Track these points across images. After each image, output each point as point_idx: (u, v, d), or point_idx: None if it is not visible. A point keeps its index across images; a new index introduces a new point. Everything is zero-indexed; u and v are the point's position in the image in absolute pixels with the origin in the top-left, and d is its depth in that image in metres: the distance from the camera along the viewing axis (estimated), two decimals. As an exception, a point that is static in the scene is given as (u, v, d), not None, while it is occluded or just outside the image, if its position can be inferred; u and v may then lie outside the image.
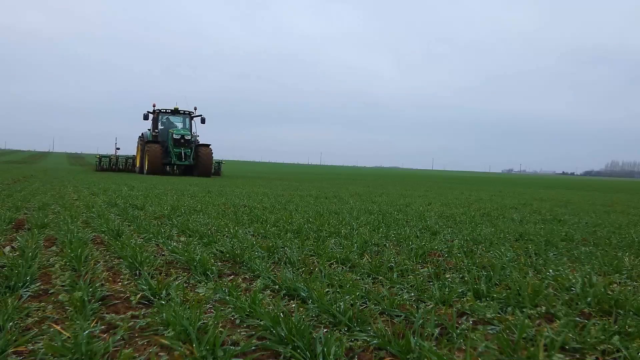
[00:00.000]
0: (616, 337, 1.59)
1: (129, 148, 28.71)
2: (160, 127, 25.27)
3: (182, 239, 3.48)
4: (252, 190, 10.50)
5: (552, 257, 3.13)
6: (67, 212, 4.89)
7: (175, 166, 25.61)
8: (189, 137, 24.02)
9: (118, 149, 28.80)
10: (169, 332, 1.60)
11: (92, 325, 1.66)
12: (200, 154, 23.78)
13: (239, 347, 1.50)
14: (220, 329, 1.62)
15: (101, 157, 28.12)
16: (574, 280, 2.36)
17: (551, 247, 3.56)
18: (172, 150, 23.72)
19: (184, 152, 23.85)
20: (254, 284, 2.29)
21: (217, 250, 3.04)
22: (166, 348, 1.50)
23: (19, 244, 3.02)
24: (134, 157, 27.41)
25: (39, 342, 1.51)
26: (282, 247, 3.18)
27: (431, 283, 2.32)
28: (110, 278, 2.33)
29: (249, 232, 3.89)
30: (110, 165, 27.23)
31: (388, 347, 1.52)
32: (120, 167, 27.44)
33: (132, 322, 1.71)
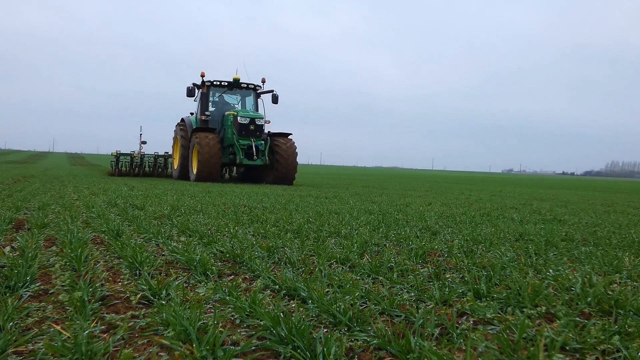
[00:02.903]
0: (616, 337, 1.59)
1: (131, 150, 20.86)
2: (211, 108, 16.54)
3: (182, 239, 3.48)
4: (251, 190, 10.50)
5: (552, 257, 3.13)
6: (67, 212, 4.89)
7: (234, 168, 17.82)
8: (262, 123, 15.37)
9: (144, 142, 20.54)
10: (169, 332, 1.60)
11: (92, 325, 1.66)
12: (278, 149, 15.06)
13: (239, 347, 1.50)
14: (220, 329, 1.62)
15: (119, 155, 19.42)
16: (574, 280, 2.36)
17: (551, 247, 3.56)
18: (236, 142, 14.97)
19: (256, 146, 15.02)
20: (254, 284, 2.29)
21: (217, 250, 3.04)
22: (166, 348, 1.50)
23: (19, 244, 3.02)
24: (166, 156, 19.43)
25: (39, 342, 1.51)
26: (282, 247, 3.18)
27: (431, 283, 2.32)
28: (110, 278, 2.33)
29: (249, 232, 3.89)
30: (132, 167, 18.97)
31: (388, 347, 1.52)
32: (147, 169, 19.27)
33: (132, 322, 1.71)
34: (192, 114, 17.43)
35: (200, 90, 16.72)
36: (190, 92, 16.45)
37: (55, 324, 1.67)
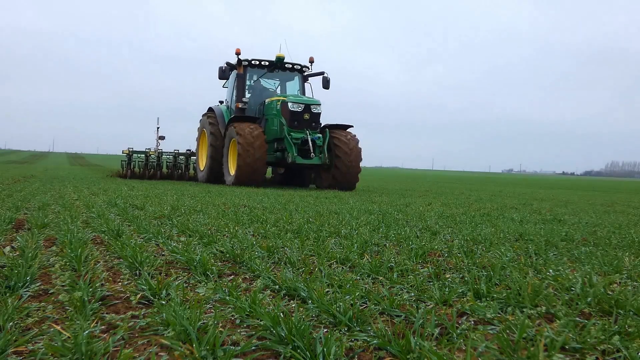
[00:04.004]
0: (616, 337, 1.59)
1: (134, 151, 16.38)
2: (247, 95, 13.44)
3: (182, 239, 3.48)
4: (251, 190, 10.49)
5: (552, 257, 3.13)
6: (67, 212, 4.89)
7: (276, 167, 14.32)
8: (319, 110, 12.20)
9: (162, 138, 16.72)
10: (169, 332, 1.60)
11: (92, 325, 1.66)
12: (338, 145, 11.95)
13: (239, 347, 1.50)
14: (220, 329, 1.62)
15: (131, 153, 16.14)
16: (574, 280, 2.36)
17: (551, 247, 3.56)
18: (287, 136, 11.77)
19: (312, 140, 11.76)
20: (254, 284, 2.29)
21: (217, 250, 3.04)
22: (166, 348, 1.50)
23: (19, 244, 3.02)
24: (188, 154, 16.21)
25: (39, 342, 1.51)
26: (282, 247, 3.18)
27: (431, 283, 2.32)
28: (110, 278, 2.33)
29: (249, 232, 3.89)
30: (147, 167, 15.99)
31: (388, 347, 1.52)
32: (165, 170, 16.29)
33: (132, 322, 1.71)
34: (221, 102, 14.40)
35: (236, 71, 13.28)
36: (222, 74, 13.11)
37: (55, 324, 1.67)
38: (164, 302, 1.91)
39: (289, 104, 11.97)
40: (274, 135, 12.35)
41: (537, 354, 1.41)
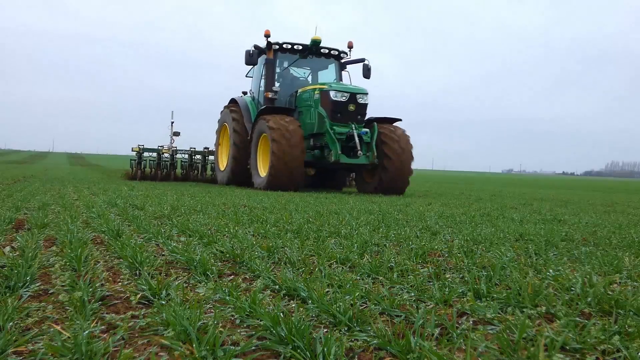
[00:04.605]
0: (616, 337, 1.59)
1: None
2: (275, 83, 11.64)
3: (182, 239, 3.48)
4: (252, 190, 10.49)
5: (552, 257, 3.13)
6: (67, 212, 4.89)
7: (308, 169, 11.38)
8: (366, 101, 10.50)
9: (176, 134, 15.20)
10: (169, 332, 1.60)
11: (92, 325, 1.66)
12: (386, 141, 10.32)
13: (239, 347, 1.50)
14: (220, 329, 1.62)
15: (142, 151, 14.53)
16: (574, 280, 2.36)
17: (551, 247, 3.56)
18: (329, 130, 10.14)
19: (359, 136, 10.12)
20: (254, 284, 2.29)
21: (217, 250, 3.04)
22: (166, 348, 1.50)
23: (19, 244, 3.02)
24: (206, 152, 14.80)
25: (39, 342, 1.51)
26: (282, 247, 3.18)
27: (431, 283, 2.32)
28: (110, 278, 2.32)
29: (249, 232, 3.89)
30: (160, 167, 14.37)
31: (388, 347, 1.52)
32: (180, 171, 14.92)
33: (132, 322, 1.71)
34: (244, 93, 12.82)
35: (265, 56, 11.57)
36: (250, 58, 11.34)
37: (55, 324, 1.67)
38: (164, 302, 1.91)
39: (331, 93, 10.24)
40: (309, 130, 10.61)
41: (537, 354, 1.41)
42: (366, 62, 11.95)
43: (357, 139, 10.05)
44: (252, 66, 12.24)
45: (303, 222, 4.48)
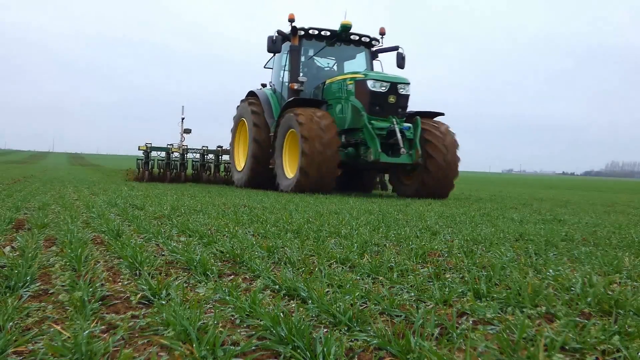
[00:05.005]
0: (616, 337, 1.59)
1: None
2: (300, 73, 10.60)
3: (182, 239, 3.48)
4: (251, 190, 10.49)
5: (552, 257, 3.13)
6: (67, 212, 4.89)
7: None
8: (407, 92, 9.48)
9: (187, 131, 13.90)
10: (169, 332, 1.60)
11: (92, 325, 1.66)
12: (429, 138, 9.33)
13: (239, 347, 1.50)
14: (220, 329, 1.62)
15: (150, 150, 13.44)
16: (574, 280, 2.36)
17: (551, 247, 3.56)
18: (367, 125, 9.07)
19: (401, 131, 9.07)
20: (254, 284, 2.29)
21: (217, 250, 3.04)
22: (166, 348, 1.50)
23: (19, 244, 3.02)
24: (219, 151, 13.79)
25: (39, 342, 1.51)
26: (282, 247, 3.18)
27: (431, 283, 2.32)
28: (110, 278, 2.32)
29: (249, 232, 3.89)
30: (170, 167, 13.42)
31: (388, 347, 1.52)
32: (192, 171, 14.05)
33: (132, 322, 1.71)
34: (263, 85, 11.76)
35: (289, 42, 10.46)
36: (273, 45, 10.23)
37: (55, 324, 1.67)
38: (164, 302, 1.91)
39: (369, 83, 9.11)
40: (340, 126, 9.47)
41: (537, 354, 1.41)
42: (400, 50, 10.87)
43: (399, 134, 8.87)
44: (273, 55, 11.12)
45: (303, 222, 4.48)
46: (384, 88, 9.22)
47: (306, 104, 9.83)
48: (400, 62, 10.92)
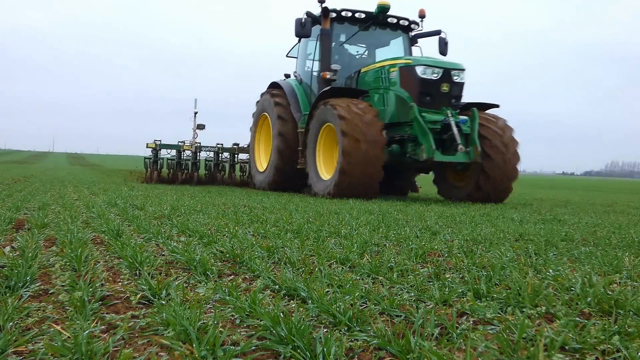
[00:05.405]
0: (616, 337, 1.59)
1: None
2: (332, 61, 9.38)
3: (182, 239, 3.48)
4: (251, 189, 10.49)
5: (552, 257, 3.13)
6: (67, 212, 4.89)
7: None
8: (462, 79, 8.24)
9: (201, 127, 12.60)
10: (169, 332, 1.60)
11: (92, 325, 1.66)
12: (485, 134, 8.11)
13: (239, 347, 1.50)
14: (220, 329, 1.62)
15: (160, 148, 12.24)
16: (574, 280, 2.36)
17: (551, 247, 3.56)
18: (419, 117, 7.78)
19: (457, 125, 7.84)
20: (254, 284, 2.29)
21: (217, 250, 3.04)
22: (166, 348, 1.50)
23: (19, 244, 3.02)
24: (235, 149, 12.53)
25: (39, 342, 1.51)
26: (282, 247, 3.18)
27: (431, 283, 2.32)
28: (110, 278, 2.33)
29: (249, 232, 3.89)
30: (181, 167, 12.24)
31: (388, 347, 1.52)
32: (205, 172, 12.71)
33: (132, 322, 1.71)
34: (287, 76, 10.54)
35: (320, 26, 9.19)
36: (302, 28, 9.01)
37: (55, 324, 1.67)
38: (164, 302, 1.91)
39: (418, 70, 7.94)
40: (381, 120, 8.21)
41: (537, 354, 1.41)
42: (442, 34, 9.65)
43: (455, 129, 7.70)
44: (298, 40, 9.92)
45: (303, 222, 4.49)
46: (435, 75, 8.01)
47: (344, 94, 8.53)
48: (443, 49, 9.72)
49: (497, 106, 8.88)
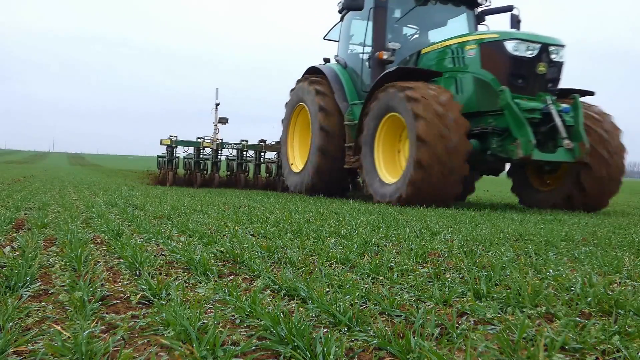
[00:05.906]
0: (616, 337, 1.59)
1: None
2: (387, 39, 7.64)
3: (182, 239, 3.48)
4: (252, 189, 10.49)
5: (552, 257, 3.13)
6: (67, 212, 4.89)
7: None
8: (561, 58, 6.53)
9: (223, 121, 11.07)
10: (169, 332, 1.60)
11: (92, 325, 1.66)
12: (588, 125, 6.47)
13: (239, 347, 1.50)
14: (220, 329, 1.62)
15: (176, 145, 10.88)
16: (574, 280, 2.36)
17: (551, 247, 3.56)
18: (512, 104, 6.08)
19: (560, 115, 6.18)
20: (254, 284, 2.29)
21: (217, 250, 3.04)
22: (166, 348, 1.50)
23: (19, 244, 3.02)
24: (262, 146, 11.22)
25: (39, 342, 1.51)
26: (282, 247, 3.18)
27: (431, 283, 2.32)
28: (110, 278, 2.33)
29: (249, 232, 3.89)
30: (199, 167, 10.88)
31: (388, 347, 1.52)
32: (226, 173, 11.30)
33: (132, 322, 1.71)
34: (326, 60, 8.95)
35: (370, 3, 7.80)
36: (352, 1, 7.58)
37: (55, 324, 1.66)
38: (164, 302, 1.91)
39: (509, 46, 6.46)
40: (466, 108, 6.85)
41: (537, 354, 1.41)
42: (515, 11, 8.08)
43: (558, 120, 6.28)
44: (340, 19, 8.54)
45: (303, 222, 4.49)
46: (531, 52, 6.47)
47: (413, 76, 6.87)
48: (515, 27, 8.12)
49: (592, 93, 7.45)
